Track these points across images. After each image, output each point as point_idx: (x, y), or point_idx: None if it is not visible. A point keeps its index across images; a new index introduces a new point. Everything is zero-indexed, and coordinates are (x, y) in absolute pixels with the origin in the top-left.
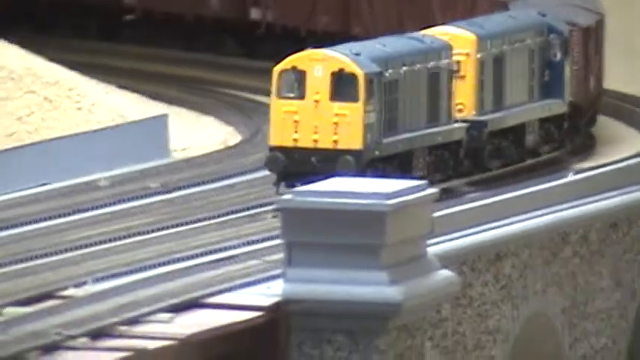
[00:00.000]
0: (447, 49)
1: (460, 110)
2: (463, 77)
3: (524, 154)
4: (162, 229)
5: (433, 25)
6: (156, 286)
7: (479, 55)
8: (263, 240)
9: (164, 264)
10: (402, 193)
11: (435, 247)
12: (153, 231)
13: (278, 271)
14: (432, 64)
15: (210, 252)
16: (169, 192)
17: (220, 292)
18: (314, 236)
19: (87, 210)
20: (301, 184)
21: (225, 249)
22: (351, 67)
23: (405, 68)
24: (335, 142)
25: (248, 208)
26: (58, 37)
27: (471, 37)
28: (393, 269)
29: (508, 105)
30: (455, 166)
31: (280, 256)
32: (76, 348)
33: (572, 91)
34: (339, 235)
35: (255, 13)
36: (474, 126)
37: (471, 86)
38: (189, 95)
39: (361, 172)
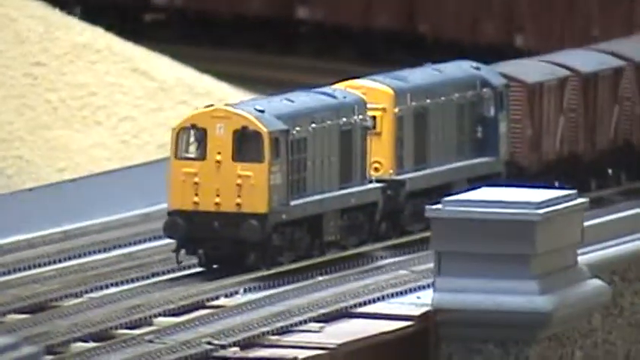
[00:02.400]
0: (360, 104)
1: (376, 169)
2: (379, 134)
3: None
4: None
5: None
6: (306, 296)
7: (396, 110)
8: (411, 251)
9: (310, 276)
10: (552, 202)
11: (586, 257)
12: None
13: (427, 281)
14: (343, 120)
15: (360, 263)
16: None
17: (370, 301)
18: (463, 246)
19: None
20: (204, 252)
21: (375, 259)
22: (255, 124)
23: (313, 125)
24: (238, 205)
25: None
26: (204, 48)
27: (387, 90)
28: (543, 279)
29: (432, 163)
30: (371, 230)
31: (429, 266)
32: (226, 358)
33: (511, 150)
34: (488, 244)
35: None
36: (391, 186)
37: (387, 143)
38: None
39: (266, 238)
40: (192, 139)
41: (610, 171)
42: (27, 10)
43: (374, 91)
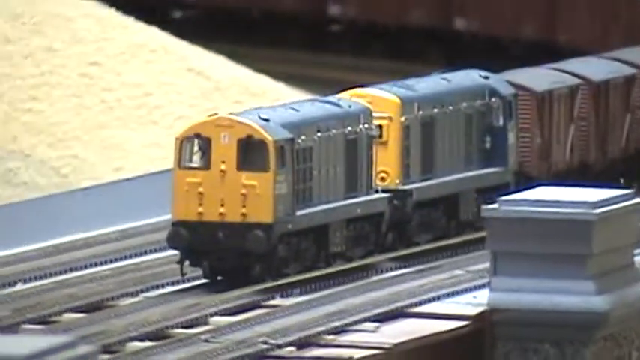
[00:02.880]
0: (366, 113)
1: (382, 179)
2: (385, 143)
3: (459, 226)
4: None
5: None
6: (362, 296)
7: (403, 119)
8: (467, 251)
9: (366, 276)
10: (609, 202)
11: None
12: None
13: (483, 281)
14: (349, 129)
15: (416, 263)
16: None
17: (426, 301)
18: (519, 245)
19: None
20: (208, 263)
21: (431, 260)
22: (260, 133)
23: (319, 134)
24: (243, 215)
25: None
26: (260, 48)
27: (394, 99)
28: (599, 279)
29: (439, 173)
30: (377, 240)
31: (485, 265)
32: (282, 357)
33: (520, 160)
34: (544, 244)
35: (459, 24)
36: (397, 196)
37: (394, 153)
38: None
39: (272, 249)
40: (196, 148)
41: (622, 180)
42: (83, 10)
43: (380, 100)
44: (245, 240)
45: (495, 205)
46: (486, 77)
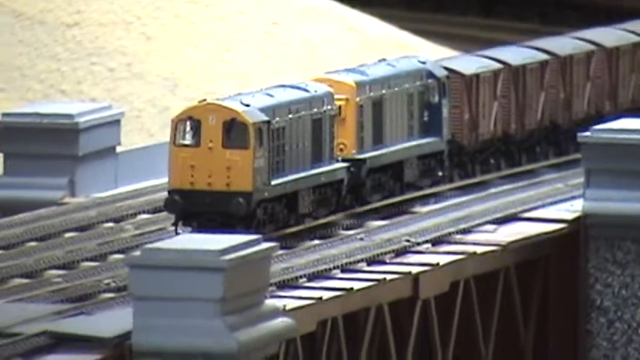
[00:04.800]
0: (328, 96)
1: (341, 150)
2: (344, 120)
3: (403, 187)
4: None
5: None
6: (485, 204)
7: (358, 99)
8: (567, 168)
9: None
10: None
11: None
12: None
13: (579, 192)
14: (315, 110)
15: (525, 178)
16: None
17: (534, 208)
18: (608, 164)
19: None
20: (197, 224)
21: (537, 175)
22: (242, 116)
23: (290, 116)
24: (227, 184)
25: None
26: (405, 10)
27: (350, 83)
28: None
29: (387, 144)
30: (337, 202)
31: (580, 180)
32: (420, 252)
33: (452, 131)
34: (629, 163)
35: None
36: (354, 164)
37: (351, 128)
38: None
39: (251, 213)
40: (188, 128)
41: (538, 148)
42: None
43: (339, 84)
44: (229, 205)
45: (588, 133)
46: (424, 62)
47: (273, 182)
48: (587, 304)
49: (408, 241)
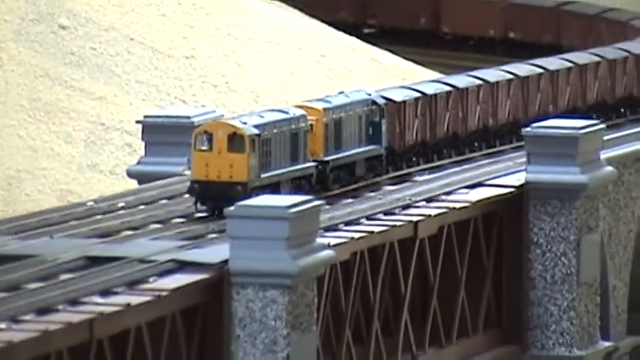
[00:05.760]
0: (304, 116)
1: (312, 154)
2: (314, 133)
3: (354, 180)
4: None
5: None
6: (459, 175)
7: (324, 120)
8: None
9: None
10: None
11: None
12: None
13: (521, 168)
14: (293, 127)
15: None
16: None
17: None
18: (543, 149)
19: None
20: (210, 204)
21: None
22: (241, 130)
23: (275, 130)
24: (230, 177)
25: None
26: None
27: (319, 108)
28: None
29: (345, 149)
30: (309, 190)
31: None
32: (419, 207)
33: (388, 141)
34: (556, 148)
35: None
36: (321, 163)
37: (319, 139)
38: None
39: (247, 197)
40: (204, 139)
41: (445, 151)
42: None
43: (312, 109)
44: (232, 191)
45: (529, 128)
46: (369, 94)
47: (263, 175)
48: (528, 241)
49: (410, 199)
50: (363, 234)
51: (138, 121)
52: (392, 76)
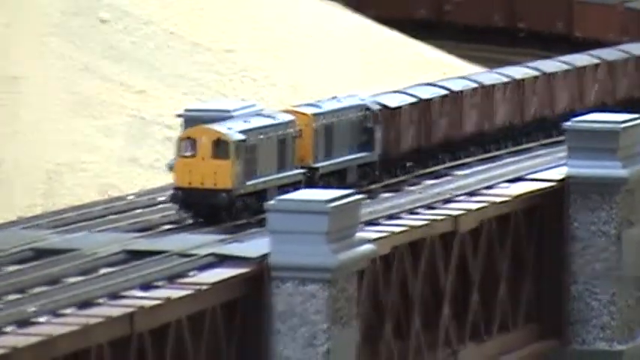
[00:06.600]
0: (292, 122)
1: (301, 160)
2: (303, 139)
3: (345, 188)
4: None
5: None
6: (498, 170)
7: (314, 125)
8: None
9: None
10: None
11: None
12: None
13: (563, 161)
14: (280, 132)
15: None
16: None
17: (531, 173)
18: (583, 143)
19: None
20: (194, 211)
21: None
22: (226, 136)
23: (261, 136)
24: (214, 184)
25: None
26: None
27: (309, 113)
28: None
29: (335, 156)
30: None
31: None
32: (459, 201)
33: (382, 148)
34: (597, 142)
35: None
36: (309, 170)
37: (308, 145)
38: None
39: (231, 204)
40: (188, 145)
41: (440, 156)
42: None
43: (300, 115)
44: (216, 198)
45: (569, 122)
46: (363, 99)
47: (248, 182)
48: (569, 236)
49: (451, 194)
50: (404, 228)
51: (178, 115)
52: (433, 69)
